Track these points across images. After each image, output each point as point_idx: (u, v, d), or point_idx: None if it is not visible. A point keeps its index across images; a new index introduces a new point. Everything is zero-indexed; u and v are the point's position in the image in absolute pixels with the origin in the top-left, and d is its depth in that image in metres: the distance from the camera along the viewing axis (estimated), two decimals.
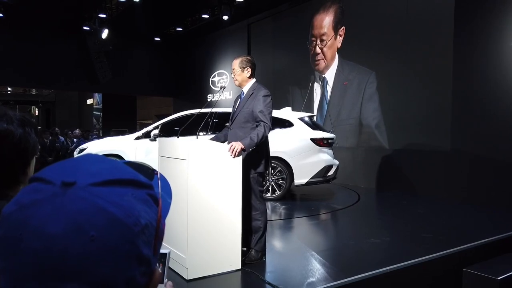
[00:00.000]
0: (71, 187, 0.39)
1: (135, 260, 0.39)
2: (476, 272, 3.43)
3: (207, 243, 2.84)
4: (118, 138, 6.89)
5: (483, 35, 5.94)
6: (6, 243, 0.38)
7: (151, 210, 0.43)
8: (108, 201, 0.39)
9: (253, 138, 2.98)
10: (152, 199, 0.44)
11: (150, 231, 0.42)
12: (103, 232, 0.37)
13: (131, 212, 0.39)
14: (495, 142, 5.80)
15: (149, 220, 0.42)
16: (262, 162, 3.22)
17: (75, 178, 0.39)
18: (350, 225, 4.92)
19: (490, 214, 5.20)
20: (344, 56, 8.47)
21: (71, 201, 0.38)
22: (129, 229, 0.39)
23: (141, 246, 0.40)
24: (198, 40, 13.94)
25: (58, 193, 0.38)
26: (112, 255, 0.37)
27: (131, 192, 0.41)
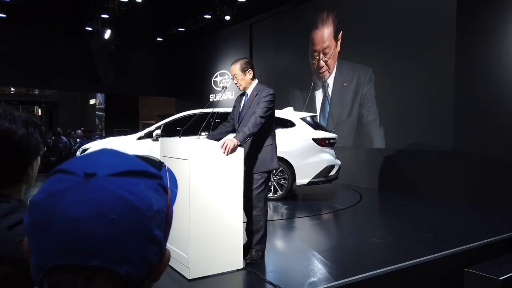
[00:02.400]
0: (92, 177, 0.44)
1: (148, 241, 0.45)
2: (478, 272, 3.43)
3: (209, 242, 2.85)
4: (120, 138, 6.91)
5: (485, 35, 5.93)
6: (36, 228, 0.44)
7: (161, 198, 0.48)
8: (125, 189, 0.44)
9: (245, 130, 2.98)
10: (161, 188, 0.49)
11: (161, 216, 0.47)
12: (121, 216, 0.42)
13: (144, 199, 0.45)
14: (498, 142, 5.78)
15: (160, 206, 0.47)
16: (273, 160, 3.21)
17: (95, 170, 0.44)
18: (352, 225, 4.92)
19: (492, 214, 5.19)
20: (343, 57, 8.48)
21: (93, 190, 0.43)
22: (143, 213, 0.44)
23: (154, 228, 0.45)
24: (200, 41, 13.96)
25: (81, 183, 0.43)
26: (129, 236, 0.43)
27: (144, 182, 0.46)
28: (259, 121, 3.04)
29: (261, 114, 3.06)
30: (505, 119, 5.70)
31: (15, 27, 12.05)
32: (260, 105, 3.11)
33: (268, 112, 3.12)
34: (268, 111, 3.12)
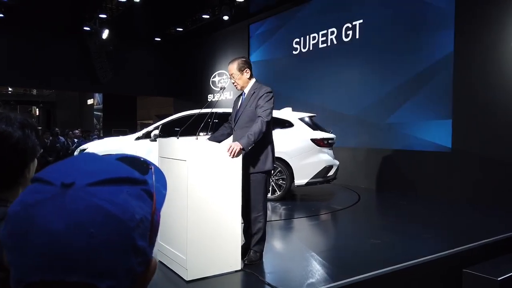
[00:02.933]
0: (70, 187, 0.42)
1: (132, 252, 0.43)
2: (476, 273, 3.43)
3: (207, 244, 2.84)
4: (118, 138, 6.90)
5: (483, 35, 5.94)
6: (13, 240, 0.42)
7: (145, 205, 0.46)
8: (105, 200, 0.42)
9: (250, 136, 2.94)
10: (146, 194, 0.47)
11: (145, 224, 0.45)
12: (101, 228, 0.40)
13: (126, 208, 0.43)
14: (496, 142, 5.79)
15: (143, 214, 0.45)
16: (267, 161, 3.18)
17: (74, 179, 0.42)
18: (350, 226, 4.92)
19: (490, 214, 5.20)
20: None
21: (71, 201, 0.41)
22: (125, 224, 0.42)
23: (137, 238, 0.43)
24: (198, 40, 13.95)
25: (58, 194, 0.41)
26: (110, 248, 0.41)
27: (126, 189, 0.44)
28: (265, 127, 3.02)
29: (266, 119, 3.04)
30: (504, 119, 5.71)
31: (14, 27, 12.02)
32: (263, 107, 3.09)
33: (271, 114, 3.12)
34: (271, 112, 3.11)
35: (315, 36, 9.14)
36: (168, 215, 3.09)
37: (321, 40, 9.00)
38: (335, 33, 8.66)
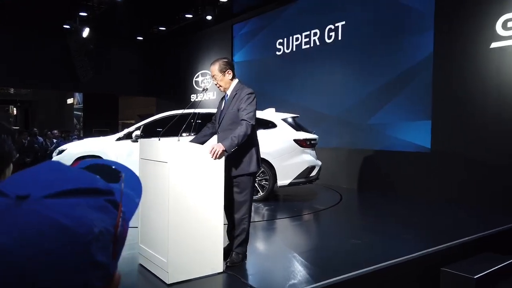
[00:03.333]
0: (25, 200, 0.40)
1: (89, 267, 0.41)
2: (453, 271, 3.51)
3: (189, 246, 2.82)
4: (99, 139, 6.78)
5: (462, 37, 6.08)
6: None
7: (108, 217, 0.44)
8: (61, 213, 0.40)
9: (234, 139, 2.93)
10: (111, 205, 0.45)
11: (106, 237, 0.43)
12: (53, 243, 0.38)
13: (83, 222, 0.41)
14: (474, 143, 5.94)
15: (104, 227, 0.43)
16: (252, 163, 3.17)
17: (29, 191, 0.41)
18: (332, 226, 4.96)
19: (468, 214, 5.33)
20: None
21: (24, 214, 0.39)
22: (82, 238, 0.40)
23: (95, 253, 0.41)
24: (182, 40, 13.85)
25: (12, 206, 0.40)
26: (65, 265, 0.39)
27: (86, 201, 0.43)
28: (249, 131, 3.00)
29: (251, 122, 3.03)
30: (481, 120, 5.86)
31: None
32: (246, 109, 3.08)
33: (255, 116, 3.10)
34: (254, 114, 3.10)
35: (298, 37, 9.20)
36: (149, 217, 3.06)
37: (304, 41, 9.05)
38: (318, 35, 8.72)
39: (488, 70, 5.78)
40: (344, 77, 8.19)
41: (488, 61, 5.77)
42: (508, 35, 5.55)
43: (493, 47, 5.70)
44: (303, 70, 9.09)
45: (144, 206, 3.12)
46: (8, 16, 11.56)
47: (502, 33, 5.61)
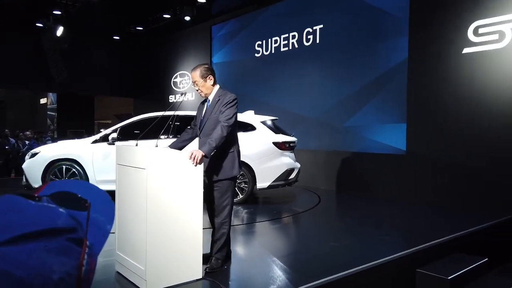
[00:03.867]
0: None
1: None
2: (428, 272, 3.60)
3: (167, 253, 2.78)
4: (73, 142, 6.60)
5: (436, 43, 6.25)
6: None
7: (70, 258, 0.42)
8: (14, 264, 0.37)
9: (211, 143, 2.93)
10: (74, 243, 0.43)
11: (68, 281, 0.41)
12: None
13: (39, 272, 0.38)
14: (446, 146, 6.12)
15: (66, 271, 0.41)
16: (233, 167, 3.17)
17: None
18: (311, 229, 5.01)
19: (442, 215, 5.48)
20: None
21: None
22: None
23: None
24: (160, 40, 13.68)
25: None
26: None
27: (45, 245, 0.40)
28: (225, 133, 2.99)
29: (227, 123, 3.02)
30: (453, 122, 6.04)
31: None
32: (224, 112, 3.08)
33: (233, 119, 3.09)
34: (232, 118, 3.09)
35: (277, 40, 9.24)
36: (126, 224, 3.01)
37: (283, 43, 9.10)
38: (296, 37, 8.79)
39: (460, 75, 5.96)
40: (322, 79, 8.28)
41: (461, 66, 5.95)
42: (479, 41, 5.74)
43: (465, 52, 5.88)
44: (282, 72, 9.14)
45: (121, 213, 3.07)
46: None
47: (473, 39, 5.80)
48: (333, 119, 7.98)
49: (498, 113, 5.55)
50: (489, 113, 5.64)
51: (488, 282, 3.94)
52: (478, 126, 5.75)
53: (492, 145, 5.59)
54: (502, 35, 5.50)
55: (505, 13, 5.45)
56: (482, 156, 5.69)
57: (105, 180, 6.09)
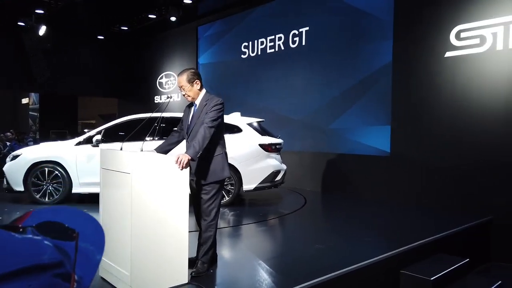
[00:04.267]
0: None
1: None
2: (411, 274, 3.67)
3: (152, 258, 2.76)
4: (56, 144, 6.49)
5: (419, 46, 6.35)
6: None
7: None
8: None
9: (195, 145, 2.91)
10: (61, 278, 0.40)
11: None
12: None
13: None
14: (429, 148, 6.22)
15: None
16: (223, 169, 3.18)
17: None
18: (297, 231, 5.03)
19: (426, 216, 5.58)
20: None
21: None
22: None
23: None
24: (145, 40, 13.56)
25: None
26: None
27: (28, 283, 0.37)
28: (208, 133, 2.99)
29: (210, 124, 3.02)
30: (436, 125, 6.15)
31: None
32: (209, 114, 3.08)
33: (217, 121, 3.09)
34: (216, 120, 3.08)
35: (263, 41, 9.25)
36: (111, 228, 2.97)
37: (269, 45, 9.12)
38: (282, 39, 8.82)
39: (443, 78, 6.08)
40: (308, 82, 8.33)
41: (443, 69, 6.07)
42: (461, 45, 5.86)
43: (448, 56, 5.99)
44: (268, 74, 9.16)
45: (105, 217, 3.03)
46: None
47: (455, 43, 5.92)
48: (319, 121, 8.04)
49: (479, 116, 5.67)
50: (470, 116, 5.76)
51: (468, 282, 4.03)
52: (459, 128, 5.87)
53: (473, 147, 5.71)
54: (483, 39, 5.63)
55: (486, 18, 5.58)
56: (464, 158, 5.81)
57: (89, 182, 6.01)
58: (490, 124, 5.55)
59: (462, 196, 5.82)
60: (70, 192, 6.10)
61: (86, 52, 13.94)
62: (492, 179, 5.51)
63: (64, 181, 6.07)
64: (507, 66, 5.40)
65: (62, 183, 6.07)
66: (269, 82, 9.14)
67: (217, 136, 3.17)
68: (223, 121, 3.24)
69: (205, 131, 2.98)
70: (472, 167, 5.73)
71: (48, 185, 6.10)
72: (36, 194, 6.06)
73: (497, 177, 5.46)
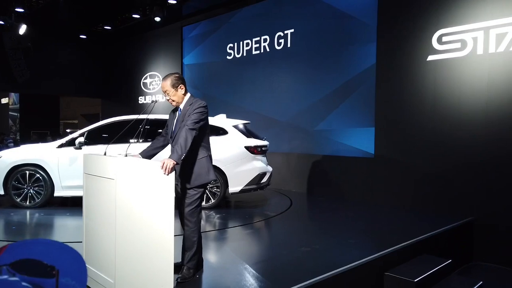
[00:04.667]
0: None
1: None
2: (395, 275, 3.72)
3: (137, 265, 2.72)
4: (38, 146, 6.35)
5: (402, 50, 6.45)
6: None
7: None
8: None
9: (177, 149, 2.88)
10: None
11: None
12: None
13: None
14: (413, 150, 6.32)
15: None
16: (208, 173, 3.16)
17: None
18: (283, 233, 5.05)
19: (411, 217, 5.67)
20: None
21: None
22: None
23: None
24: (129, 40, 13.39)
25: None
26: None
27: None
28: (190, 136, 2.96)
29: (191, 126, 2.99)
30: (419, 127, 6.25)
31: None
32: (191, 117, 3.06)
33: (199, 124, 3.06)
34: (198, 122, 3.05)
35: (249, 43, 9.25)
36: (94, 235, 2.93)
37: (255, 46, 9.12)
38: (267, 41, 8.83)
39: (425, 81, 6.18)
40: (293, 83, 8.36)
41: (425, 73, 6.17)
42: (443, 49, 5.97)
43: (430, 60, 6.10)
44: (253, 76, 9.16)
45: (89, 223, 2.98)
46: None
47: (437, 47, 6.03)
48: (304, 123, 8.08)
49: (459, 119, 5.79)
50: (451, 119, 5.88)
51: (451, 283, 4.11)
52: (441, 131, 5.98)
53: (455, 149, 5.83)
54: (464, 43, 5.74)
55: (467, 22, 5.70)
56: (446, 160, 5.93)
57: (72, 185, 5.91)
58: (471, 126, 5.67)
59: (444, 198, 5.94)
60: (52, 195, 5.99)
61: (68, 52, 13.70)
62: (473, 180, 5.63)
63: (46, 184, 5.94)
64: (487, 70, 5.53)
65: (43, 186, 5.95)
66: (254, 83, 9.14)
67: (201, 138, 3.15)
68: (208, 123, 3.22)
69: (187, 133, 2.95)
70: (453, 168, 5.84)
71: (29, 189, 5.96)
72: (17, 198, 5.93)
73: (477, 178, 5.58)
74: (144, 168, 2.81)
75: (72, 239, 4.29)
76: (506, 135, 5.34)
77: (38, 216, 5.55)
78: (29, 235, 4.57)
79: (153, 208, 2.81)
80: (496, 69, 5.45)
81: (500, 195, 5.37)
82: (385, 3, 6.75)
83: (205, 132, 3.21)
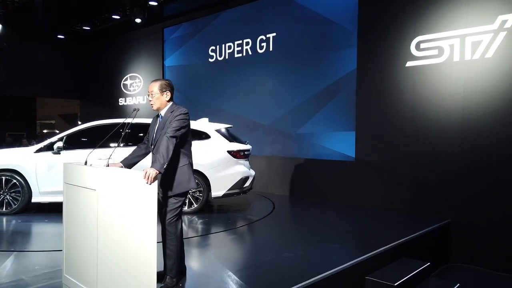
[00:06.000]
0: None
1: None
2: (376, 280, 3.79)
3: (119, 276, 2.69)
4: (15, 150, 6.18)
5: (382, 56, 6.58)
6: None
7: None
8: None
9: (159, 158, 2.84)
10: None
11: None
12: None
13: None
14: (393, 153, 6.46)
15: None
16: (191, 179, 3.15)
17: None
18: (266, 238, 5.07)
19: (390, 220, 5.78)
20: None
21: None
22: None
23: None
24: (109, 40, 13.18)
25: None
26: None
27: None
28: (171, 144, 2.93)
29: (171, 134, 2.96)
30: (398, 132, 6.39)
31: None
32: (172, 124, 3.04)
33: (180, 131, 3.03)
34: (179, 129, 3.03)
35: (231, 46, 9.25)
36: (75, 246, 2.88)
37: (237, 49, 9.13)
38: (250, 44, 8.85)
39: (404, 87, 6.32)
40: (276, 87, 8.41)
41: (404, 78, 6.31)
42: (421, 56, 6.12)
43: (408, 66, 6.24)
44: (236, 79, 9.16)
45: (69, 234, 2.93)
46: None
47: (415, 54, 6.17)
48: (286, 126, 8.13)
49: (437, 123, 5.95)
50: (429, 123, 6.03)
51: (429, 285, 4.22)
52: (419, 135, 6.13)
53: (432, 153, 5.98)
54: (441, 50, 5.90)
55: (444, 30, 5.86)
56: (424, 163, 6.08)
57: (50, 191, 5.78)
58: (448, 130, 5.83)
59: (423, 200, 6.09)
60: (30, 201, 5.84)
61: (45, 52, 13.38)
62: (451, 183, 5.79)
63: (23, 190, 5.80)
64: (463, 76, 5.70)
65: (21, 192, 5.80)
66: (236, 86, 9.14)
67: (182, 146, 3.13)
68: (189, 131, 3.20)
69: (168, 142, 2.91)
70: (432, 172, 6.00)
71: (5, 195, 5.80)
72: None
73: (455, 181, 5.74)
74: (127, 178, 2.78)
75: (51, 247, 4.20)
76: (481, 139, 5.52)
77: (15, 223, 5.40)
78: (6, 243, 4.45)
79: (136, 218, 2.78)
80: (471, 76, 5.62)
81: (477, 197, 5.54)
82: (365, 10, 6.87)
83: (186, 140, 3.20)
